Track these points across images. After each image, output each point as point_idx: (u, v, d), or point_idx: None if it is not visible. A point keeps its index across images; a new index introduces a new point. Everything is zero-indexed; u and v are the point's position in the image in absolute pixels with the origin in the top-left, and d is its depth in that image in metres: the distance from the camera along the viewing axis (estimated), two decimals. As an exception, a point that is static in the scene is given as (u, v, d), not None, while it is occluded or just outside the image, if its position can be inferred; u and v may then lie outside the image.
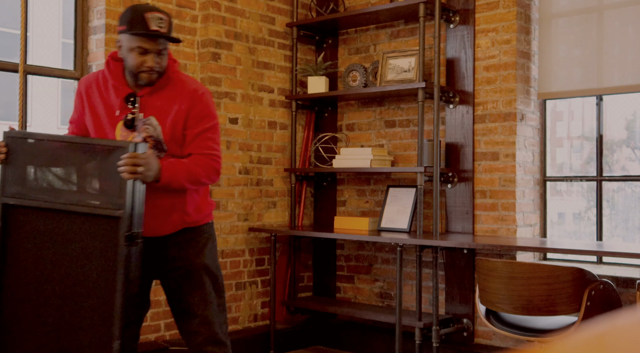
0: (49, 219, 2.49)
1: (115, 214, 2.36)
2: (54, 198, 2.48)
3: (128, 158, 2.30)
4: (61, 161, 2.52)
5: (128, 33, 2.46)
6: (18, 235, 2.53)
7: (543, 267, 3.05)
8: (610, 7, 4.02)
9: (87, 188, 2.46)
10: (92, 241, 2.43)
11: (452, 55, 4.36)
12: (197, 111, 2.55)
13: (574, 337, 0.53)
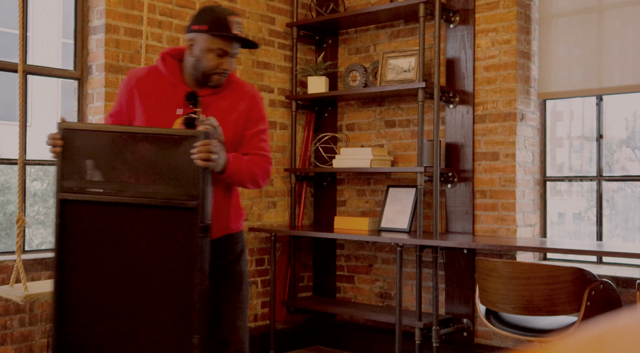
0: (112, 214, 2.35)
1: (190, 204, 2.27)
2: (118, 191, 2.34)
3: (203, 145, 2.25)
4: (123, 152, 2.37)
5: (209, 33, 2.43)
6: (78, 232, 2.38)
7: (543, 267, 3.05)
8: (610, 7, 4.02)
9: (155, 179, 2.32)
10: (164, 233, 2.32)
11: (452, 55, 4.36)
12: (255, 112, 2.57)
13: (574, 337, 0.53)
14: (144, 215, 2.33)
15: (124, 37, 4.06)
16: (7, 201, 9.12)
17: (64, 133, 2.40)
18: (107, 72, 3.99)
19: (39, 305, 3.65)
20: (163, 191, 2.31)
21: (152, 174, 2.33)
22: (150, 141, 2.36)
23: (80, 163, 2.38)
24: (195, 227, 2.27)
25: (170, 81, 2.52)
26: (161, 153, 2.34)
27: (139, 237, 2.34)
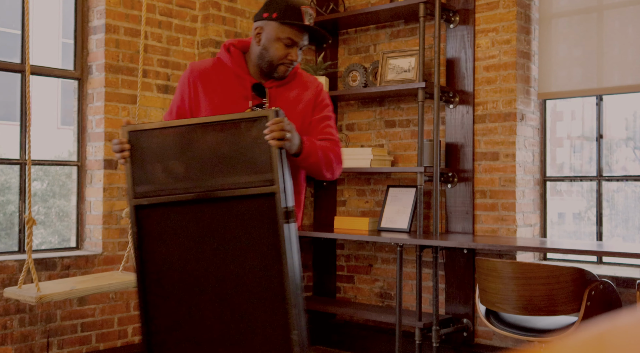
0: (189, 213, 2.22)
1: (268, 190, 2.13)
2: (192, 188, 2.21)
3: (275, 123, 2.12)
4: (193, 146, 2.23)
5: (279, 21, 2.33)
6: (157, 237, 2.25)
7: (543, 267, 3.05)
8: (610, 7, 4.02)
9: (229, 169, 2.19)
10: (245, 225, 2.18)
11: (452, 55, 4.36)
12: (320, 99, 2.50)
13: (574, 337, 0.53)
14: (223, 209, 2.20)
15: (124, 37, 4.06)
16: (7, 201, 9.12)
17: (130, 135, 2.26)
18: (107, 72, 3.99)
19: (39, 304, 3.65)
20: (239, 181, 2.18)
21: (226, 164, 2.20)
22: (219, 130, 2.22)
23: (150, 165, 2.25)
24: (277, 213, 2.12)
25: (236, 73, 2.42)
26: (232, 140, 2.20)
27: (221, 233, 2.20)
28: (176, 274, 2.23)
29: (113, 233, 4.00)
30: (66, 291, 2.68)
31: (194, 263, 2.21)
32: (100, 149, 4.00)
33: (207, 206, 2.20)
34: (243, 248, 2.18)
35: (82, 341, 3.86)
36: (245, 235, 2.18)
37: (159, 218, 2.24)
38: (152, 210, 2.24)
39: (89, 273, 3.86)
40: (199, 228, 2.21)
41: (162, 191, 2.23)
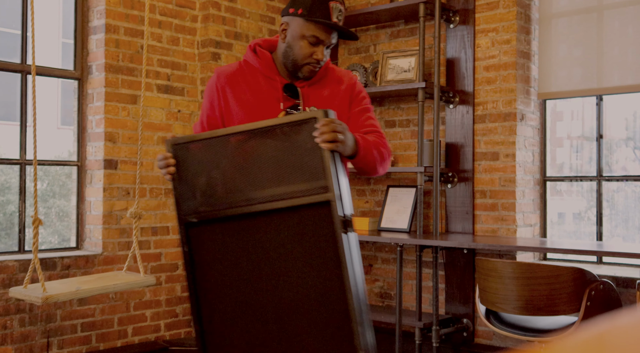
0: (241, 228, 2.08)
1: (323, 198, 1.96)
2: (242, 201, 2.07)
3: (325, 125, 1.95)
4: (240, 156, 2.10)
5: (304, 18, 2.18)
6: (209, 254, 2.12)
7: (543, 267, 3.05)
8: (610, 7, 4.02)
9: (279, 178, 2.04)
10: (301, 237, 2.02)
11: (452, 55, 4.36)
12: (357, 91, 2.35)
13: (574, 337, 0.53)
14: (276, 221, 2.04)
15: (124, 37, 4.06)
16: (7, 201, 9.12)
17: (174, 149, 2.13)
18: (107, 72, 3.99)
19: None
20: (291, 190, 2.02)
21: (275, 173, 2.04)
22: (266, 136, 2.06)
23: (197, 179, 2.12)
24: (335, 223, 1.95)
25: (265, 74, 2.29)
26: (280, 146, 2.04)
27: (275, 247, 2.05)
28: (231, 293, 2.10)
29: (113, 233, 4.00)
30: (72, 291, 2.67)
31: (248, 280, 2.08)
32: (100, 149, 4.00)
33: (259, 219, 2.06)
34: (300, 262, 2.02)
35: (82, 341, 3.86)
36: (301, 248, 2.02)
37: (210, 235, 2.12)
38: (203, 227, 2.12)
39: (89, 273, 3.86)
40: (253, 243, 2.07)
41: (211, 207, 2.11)
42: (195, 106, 4.42)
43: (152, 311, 4.16)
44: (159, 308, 4.19)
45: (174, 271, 4.29)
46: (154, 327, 4.18)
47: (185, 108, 4.36)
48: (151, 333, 4.16)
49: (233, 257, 2.09)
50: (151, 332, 4.16)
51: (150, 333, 4.16)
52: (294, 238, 2.02)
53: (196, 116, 4.42)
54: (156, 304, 4.17)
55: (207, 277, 2.12)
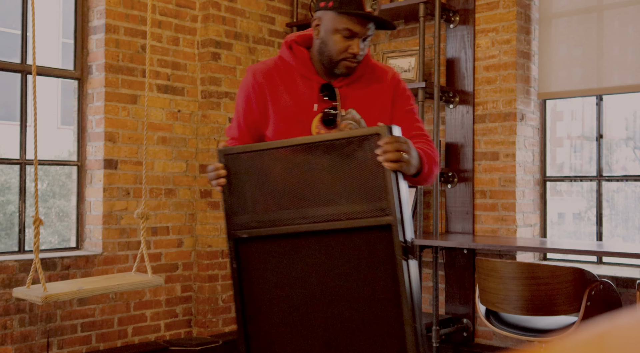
0: (295, 246, 1.96)
1: (383, 221, 1.83)
2: (295, 218, 1.94)
3: (388, 143, 1.80)
4: (295, 170, 1.97)
5: (336, 11, 2.04)
6: (259, 272, 2.02)
7: (543, 267, 3.05)
8: (610, 7, 4.02)
9: (336, 196, 1.90)
10: (357, 261, 1.88)
11: (452, 55, 4.36)
12: (400, 91, 2.19)
13: (574, 337, 0.53)
14: (331, 242, 1.91)
15: (124, 37, 4.06)
16: (7, 201, 9.12)
17: (226, 160, 2.02)
18: (107, 72, 3.99)
19: (39, 304, 3.65)
20: (348, 210, 1.88)
21: (332, 191, 1.91)
22: (323, 151, 1.92)
23: (249, 193, 2.01)
24: (395, 249, 1.81)
25: (301, 73, 2.14)
26: (339, 162, 1.90)
27: (329, 270, 1.92)
28: (279, 313, 1.99)
29: (113, 233, 4.00)
30: (73, 291, 2.67)
31: (298, 301, 1.96)
32: (100, 149, 4.00)
33: (312, 239, 1.93)
34: (354, 287, 1.89)
35: (82, 341, 3.86)
36: (357, 274, 1.88)
37: (260, 252, 2.01)
38: (253, 243, 2.01)
39: (89, 273, 3.86)
40: (304, 263, 1.95)
41: (262, 223, 1.99)
42: (195, 106, 4.42)
43: (152, 311, 4.16)
44: (159, 308, 4.19)
45: (174, 271, 4.29)
46: (154, 327, 4.18)
47: (185, 108, 4.36)
48: (151, 333, 4.16)
49: (283, 276, 1.97)
50: (151, 332, 4.16)
51: (150, 333, 4.16)
52: (349, 261, 1.89)
53: (196, 115, 4.42)
54: (156, 304, 4.17)
55: (255, 295, 2.01)
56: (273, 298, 1.99)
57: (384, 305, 1.83)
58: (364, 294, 1.86)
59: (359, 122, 2.13)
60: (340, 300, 1.90)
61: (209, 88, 4.38)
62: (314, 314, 1.93)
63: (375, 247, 1.84)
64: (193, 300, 4.39)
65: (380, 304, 1.84)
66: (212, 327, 4.36)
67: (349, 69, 2.09)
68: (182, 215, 4.33)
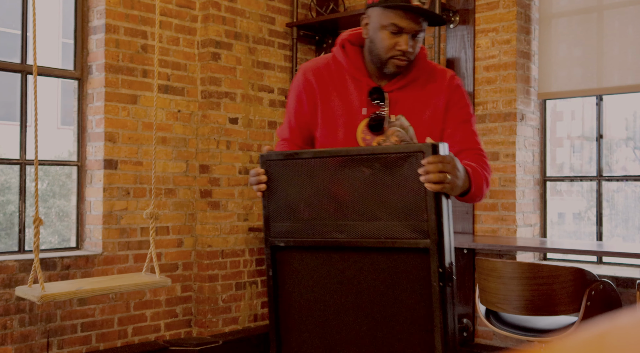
0: (330, 259, 1.93)
1: (420, 244, 1.76)
2: (334, 231, 1.90)
3: (431, 163, 1.71)
4: (336, 181, 1.91)
5: (382, 6, 1.95)
6: (293, 282, 2.00)
7: (543, 267, 3.05)
8: (610, 7, 4.02)
9: (376, 212, 1.85)
10: (392, 282, 1.84)
11: (452, 55, 4.36)
12: (456, 99, 2.07)
13: (574, 337, 0.53)
14: (367, 259, 1.87)
15: (124, 37, 4.06)
16: (7, 201, 9.12)
17: (267, 166, 1.97)
18: (107, 72, 3.99)
19: (39, 304, 3.65)
20: (387, 228, 1.82)
21: (372, 206, 1.85)
22: (365, 164, 1.85)
23: (288, 200, 1.97)
24: (431, 275, 1.74)
25: (352, 74, 2.07)
26: (381, 177, 1.83)
27: (363, 286, 1.88)
28: (312, 325, 1.96)
29: (113, 233, 4.00)
30: (71, 291, 2.67)
31: (331, 316, 1.92)
32: (100, 149, 4.00)
33: (349, 253, 1.89)
34: (388, 308, 1.84)
35: (82, 341, 3.86)
36: (391, 293, 1.83)
37: (295, 261, 1.98)
38: (289, 252, 1.99)
39: (89, 273, 3.86)
40: (339, 277, 1.91)
41: (300, 232, 1.95)
42: (195, 106, 4.42)
43: (152, 311, 4.16)
44: (159, 308, 4.19)
45: (174, 271, 4.29)
46: (154, 327, 4.18)
47: (185, 108, 4.36)
48: (151, 333, 4.16)
49: (317, 287, 1.94)
50: (151, 332, 4.16)
51: (150, 333, 4.16)
52: (384, 280, 1.84)
53: (196, 115, 4.42)
54: (156, 304, 4.17)
55: (289, 304, 2.00)
56: (306, 308, 1.96)
57: (415, 329, 1.79)
58: (397, 315, 1.82)
59: (407, 129, 2.04)
60: (373, 318, 1.86)
61: (209, 88, 4.38)
62: (345, 329, 1.90)
63: (411, 269, 1.79)
64: (193, 300, 4.39)
65: (412, 328, 1.80)
66: (212, 327, 4.36)
67: (398, 67, 1.99)
68: (182, 215, 4.33)
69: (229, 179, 4.48)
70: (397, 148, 1.83)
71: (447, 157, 1.73)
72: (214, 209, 4.39)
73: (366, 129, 2.03)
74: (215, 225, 4.39)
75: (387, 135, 2.03)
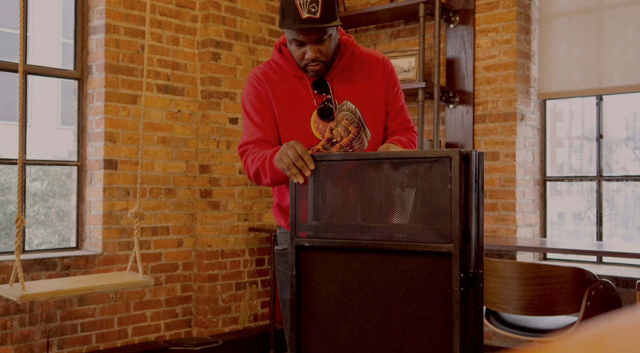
0: (354, 260, 1.94)
1: (443, 249, 1.77)
2: (359, 233, 1.94)
3: None
4: (368, 185, 1.93)
5: (282, 27, 2.11)
6: (314, 281, 2.01)
7: (543, 267, 3.05)
8: (610, 7, 4.02)
9: (401, 216, 1.89)
10: (415, 285, 1.84)
11: (452, 55, 4.36)
12: (392, 82, 2.27)
13: (574, 337, 0.53)
14: (390, 261, 1.88)
15: (124, 37, 4.06)
16: (7, 201, 9.12)
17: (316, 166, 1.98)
18: (107, 72, 3.99)
19: (39, 304, 3.65)
20: (412, 232, 1.86)
21: (399, 210, 1.90)
22: (395, 168, 1.90)
23: (315, 201, 2.01)
24: (453, 279, 1.74)
25: (293, 72, 2.22)
26: (407, 181, 1.89)
27: (385, 288, 1.89)
28: (333, 325, 1.96)
29: (113, 233, 4.00)
30: (51, 291, 2.66)
31: (352, 317, 1.93)
32: (100, 149, 4.00)
33: (372, 255, 1.91)
34: (409, 311, 1.85)
35: (82, 341, 3.86)
36: (413, 296, 1.84)
37: (319, 261, 2.00)
38: (313, 252, 2.01)
39: (89, 273, 3.86)
40: (362, 279, 1.93)
41: (325, 233, 1.99)
42: (195, 106, 4.42)
43: (152, 311, 4.16)
44: (159, 308, 4.19)
45: (174, 271, 4.29)
46: (154, 327, 4.18)
47: (185, 108, 4.36)
48: (151, 333, 4.16)
49: (340, 288, 1.96)
50: (151, 332, 4.16)
51: (150, 333, 4.16)
52: (406, 283, 1.85)
53: (196, 115, 4.42)
54: (156, 304, 4.17)
55: (311, 303, 2.01)
56: (328, 308, 1.97)
57: (435, 334, 1.79)
58: (418, 318, 1.83)
59: (354, 112, 2.19)
60: (393, 320, 1.87)
61: (209, 88, 4.38)
62: (365, 329, 1.91)
63: (434, 273, 1.80)
64: (193, 300, 4.39)
65: (433, 332, 1.80)
66: (212, 327, 4.36)
67: (315, 72, 2.15)
68: (182, 215, 4.33)
69: (229, 179, 4.48)
70: (425, 152, 1.91)
71: None
72: (214, 209, 4.39)
73: (317, 118, 2.18)
74: (215, 225, 4.39)
75: (338, 120, 2.19)
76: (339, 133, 2.20)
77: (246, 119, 2.24)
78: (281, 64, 2.22)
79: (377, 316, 1.89)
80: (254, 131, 2.21)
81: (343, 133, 2.20)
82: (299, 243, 2.01)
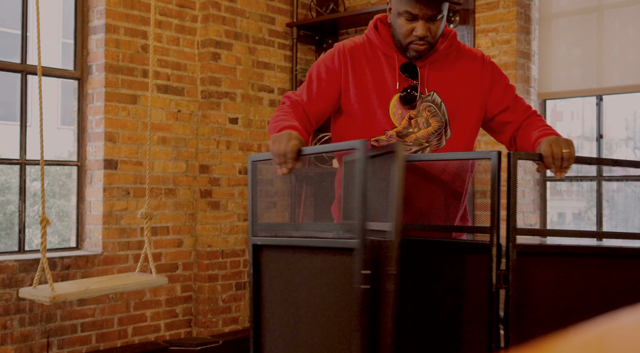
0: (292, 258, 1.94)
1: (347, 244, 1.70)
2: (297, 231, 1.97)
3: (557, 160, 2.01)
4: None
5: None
6: (269, 281, 1.98)
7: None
8: (610, 7, 4.02)
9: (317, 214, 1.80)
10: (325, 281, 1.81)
11: (452, 55, 4.36)
12: (497, 77, 2.16)
13: (574, 337, 0.53)
14: (307, 258, 1.86)
15: (124, 37, 4.06)
16: (7, 201, 9.11)
17: None
18: (107, 72, 3.99)
19: (39, 304, 3.65)
20: (328, 229, 1.88)
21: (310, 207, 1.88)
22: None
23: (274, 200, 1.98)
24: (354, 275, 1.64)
25: (384, 51, 2.10)
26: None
27: (304, 283, 1.86)
28: (281, 323, 1.94)
29: (113, 233, 4.00)
30: (81, 291, 2.67)
31: (292, 315, 1.90)
32: (100, 149, 4.00)
33: (302, 251, 1.91)
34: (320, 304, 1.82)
35: (82, 341, 3.86)
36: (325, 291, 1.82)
37: (271, 261, 1.98)
38: (268, 252, 2.01)
39: (89, 273, 3.86)
40: (292, 275, 1.91)
41: (278, 231, 2.00)
42: (195, 106, 4.42)
43: (152, 311, 4.16)
44: (159, 308, 4.19)
45: (174, 271, 4.29)
46: (154, 327, 4.18)
47: (185, 108, 4.36)
48: (151, 333, 4.16)
49: (284, 287, 1.93)
50: (151, 332, 4.16)
51: (150, 333, 4.16)
52: (316, 279, 1.82)
53: (196, 115, 4.42)
54: (156, 304, 4.17)
55: (265, 303, 1.99)
56: (278, 308, 1.95)
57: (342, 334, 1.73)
58: (330, 314, 1.78)
59: (439, 106, 2.09)
60: (307, 314, 1.85)
61: (209, 88, 4.38)
62: (300, 325, 1.88)
63: (340, 271, 1.74)
64: (193, 300, 4.39)
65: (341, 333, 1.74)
66: (212, 327, 4.36)
67: (418, 52, 2.03)
68: (182, 215, 4.33)
69: (229, 179, 4.48)
70: (464, 155, 1.99)
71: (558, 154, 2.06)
72: (214, 209, 4.39)
73: (398, 103, 2.07)
74: (215, 225, 4.39)
75: (419, 110, 2.08)
76: (417, 123, 2.10)
77: (307, 82, 2.14)
78: (373, 40, 2.12)
79: (307, 311, 1.85)
80: (303, 96, 2.11)
81: (422, 124, 2.10)
82: (254, 242, 2.03)
